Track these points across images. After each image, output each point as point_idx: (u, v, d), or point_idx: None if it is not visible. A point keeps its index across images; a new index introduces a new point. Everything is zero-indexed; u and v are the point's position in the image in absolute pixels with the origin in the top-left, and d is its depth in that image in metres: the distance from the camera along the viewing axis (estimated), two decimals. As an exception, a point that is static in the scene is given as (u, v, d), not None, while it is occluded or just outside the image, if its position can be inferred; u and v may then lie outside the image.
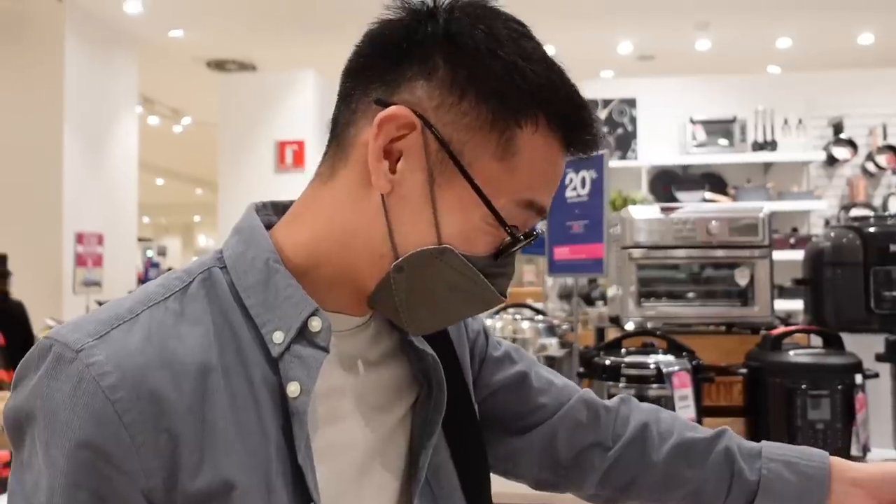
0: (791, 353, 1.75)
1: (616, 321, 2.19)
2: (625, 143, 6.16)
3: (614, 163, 5.96)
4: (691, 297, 2.17)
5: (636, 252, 2.06)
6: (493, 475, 0.85)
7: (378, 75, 0.67)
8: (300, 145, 6.47)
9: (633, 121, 6.18)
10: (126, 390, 0.60)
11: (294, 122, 6.52)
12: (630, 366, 1.73)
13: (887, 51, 6.07)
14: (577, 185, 2.31)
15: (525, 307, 2.58)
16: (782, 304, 4.10)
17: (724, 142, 5.95)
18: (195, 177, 12.78)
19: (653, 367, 1.71)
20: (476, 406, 0.85)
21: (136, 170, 6.05)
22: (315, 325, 0.67)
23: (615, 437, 0.88)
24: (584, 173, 2.29)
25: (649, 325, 2.06)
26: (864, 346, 1.79)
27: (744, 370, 1.81)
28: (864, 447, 1.67)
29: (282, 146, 6.50)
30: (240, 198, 6.43)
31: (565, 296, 3.52)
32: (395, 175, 0.66)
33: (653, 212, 2.08)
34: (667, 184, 5.97)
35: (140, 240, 9.49)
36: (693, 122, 5.97)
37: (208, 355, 0.64)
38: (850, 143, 5.93)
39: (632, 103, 6.20)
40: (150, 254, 12.80)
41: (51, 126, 5.12)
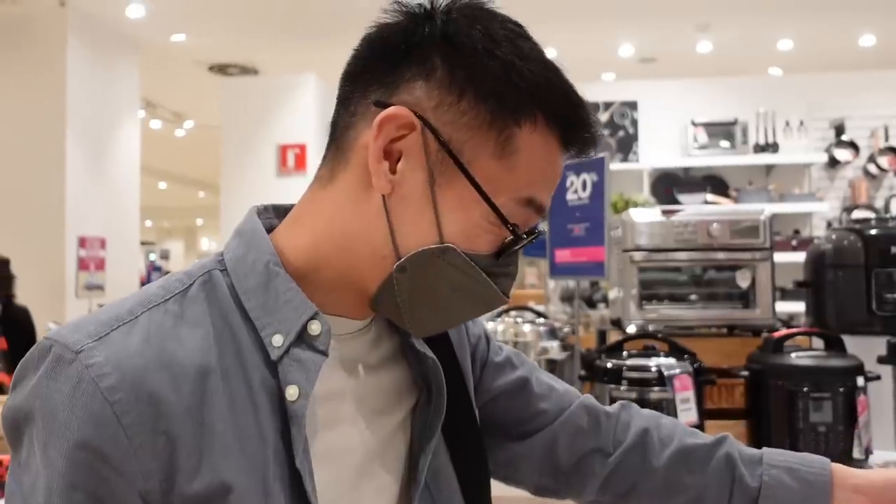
0: (793, 355, 1.75)
1: (617, 324, 2.19)
2: (626, 145, 6.16)
3: (616, 165, 5.96)
4: (693, 299, 2.17)
5: (637, 255, 2.06)
6: (493, 481, 0.85)
7: (376, 78, 0.68)
8: (302, 149, 6.48)
9: (634, 123, 6.18)
10: (125, 392, 0.60)
11: (296, 125, 6.53)
12: (631, 368, 1.73)
13: (889, 52, 6.06)
14: (577, 188, 2.31)
15: (526, 310, 2.58)
16: (784, 307, 4.09)
17: (725, 144, 5.95)
18: (197, 180, 12.80)
19: (654, 369, 1.70)
20: (476, 411, 0.85)
21: (138, 173, 6.06)
22: (314, 328, 0.67)
23: (616, 443, 0.88)
24: (584, 176, 2.29)
25: (651, 327, 2.06)
26: (866, 349, 1.79)
27: (745, 373, 1.81)
28: (867, 450, 1.67)
29: (283, 150, 6.51)
30: (242, 201, 6.43)
31: (567, 298, 3.52)
32: (396, 175, 0.66)
33: (654, 214, 2.08)
34: (668, 186, 5.97)
35: (143, 243, 9.51)
36: (694, 124, 5.97)
37: (207, 358, 0.64)
38: (852, 145, 5.93)
39: (633, 106, 6.20)
40: (152, 257, 12.82)
41: (53, 130, 5.13)
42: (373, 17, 0.70)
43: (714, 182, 5.97)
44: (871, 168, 5.93)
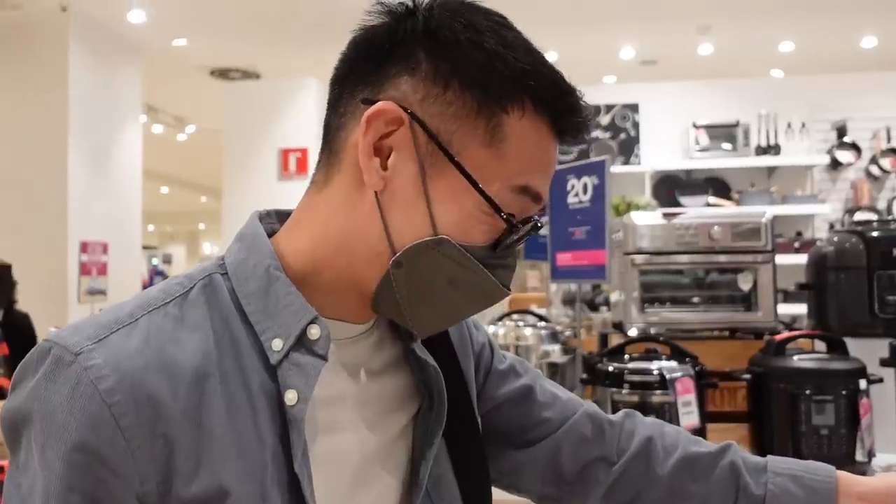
0: (795, 358, 1.74)
1: (619, 327, 2.18)
2: (628, 148, 6.16)
3: (617, 168, 5.96)
4: (694, 302, 2.17)
5: (639, 258, 2.05)
6: (495, 489, 0.85)
7: (363, 77, 0.68)
8: (303, 153, 6.49)
9: (635, 126, 6.18)
10: (123, 394, 0.60)
11: (297, 129, 6.54)
12: (633, 372, 1.72)
13: (890, 54, 6.05)
14: (578, 192, 2.31)
15: (528, 313, 2.58)
16: (788, 309, 4.08)
17: (727, 146, 5.94)
18: (199, 184, 12.81)
19: (656, 373, 1.70)
20: (479, 419, 0.84)
21: (140, 178, 6.07)
22: (314, 332, 0.67)
23: (620, 452, 0.87)
24: (585, 179, 2.29)
25: (652, 330, 2.06)
26: (869, 351, 1.78)
27: (747, 376, 1.80)
28: (869, 452, 1.66)
29: (285, 154, 6.52)
30: (244, 205, 6.44)
31: (569, 301, 3.52)
32: (387, 171, 0.66)
33: (655, 217, 2.08)
34: (670, 188, 5.97)
35: (145, 248, 9.52)
36: (696, 126, 5.97)
37: (207, 361, 0.64)
38: (854, 147, 5.92)
39: (634, 108, 6.20)
40: (155, 262, 12.84)
41: (55, 135, 5.14)
42: (374, 20, 0.70)
43: (716, 184, 5.96)
44: (874, 170, 5.92)
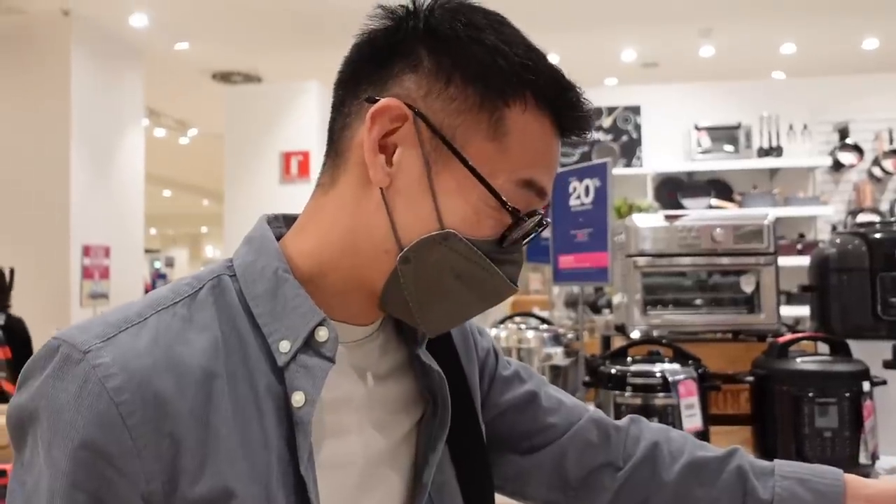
0: (798, 360, 1.74)
1: (621, 329, 2.18)
2: (630, 150, 6.16)
3: (619, 170, 5.96)
4: (697, 304, 2.16)
5: (641, 260, 2.05)
6: (500, 496, 0.85)
7: (366, 78, 0.69)
8: (305, 156, 6.49)
9: (637, 128, 6.18)
10: (131, 392, 0.60)
11: (299, 132, 6.55)
12: (636, 374, 1.72)
13: (892, 56, 6.05)
14: (580, 194, 2.31)
15: (530, 316, 2.57)
16: (791, 311, 4.08)
17: (729, 148, 5.94)
18: (202, 188, 12.82)
19: (659, 375, 1.70)
20: (483, 426, 0.84)
21: (142, 181, 6.07)
22: (322, 334, 0.67)
23: (626, 457, 0.87)
24: (587, 182, 2.29)
25: (655, 333, 2.06)
26: (872, 353, 1.78)
27: (750, 378, 1.80)
28: (873, 455, 1.66)
29: (287, 157, 6.52)
30: (246, 208, 6.46)
31: (572, 304, 3.52)
32: (393, 168, 0.67)
33: (657, 220, 2.07)
34: (672, 191, 5.97)
35: (147, 251, 9.52)
36: (698, 128, 5.97)
37: (214, 361, 0.64)
38: (856, 148, 5.92)
39: (636, 111, 6.20)
40: (157, 265, 12.84)
41: (57, 139, 5.15)
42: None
43: (718, 186, 5.96)
44: (876, 171, 5.91)
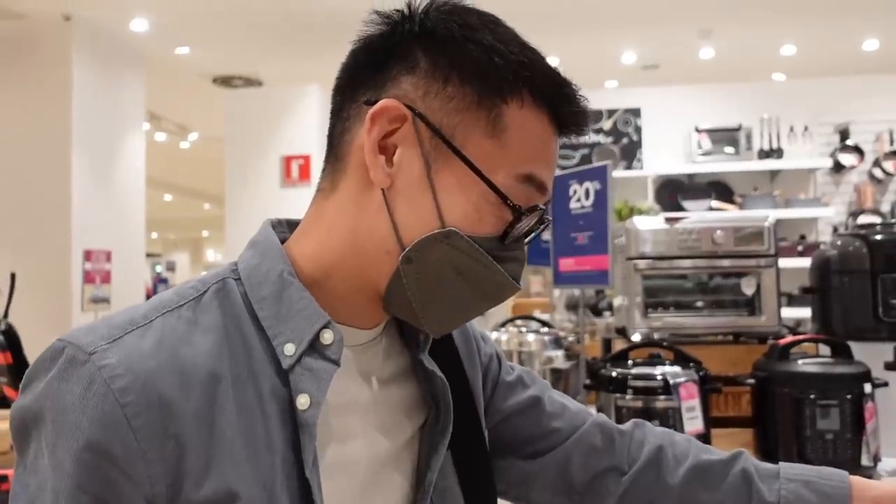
0: (799, 362, 1.74)
1: (622, 332, 2.18)
2: (630, 152, 6.16)
3: (620, 172, 5.96)
4: (698, 307, 2.16)
5: (641, 263, 2.05)
6: (504, 501, 0.85)
7: (364, 82, 0.70)
8: (306, 160, 6.50)
9: (638, 130, 6.18)
10: (136, 393, 0.60)
11: (300, 136, 6.55)
12: (637, 377, 1.72)
13: (892, 57, 6.04)
14: (581, 197, 2.31)
15: (531, 319, 2.57)
16: (791, 313, 4.07)
17: (729, 150, 5.94)
18: (203, 192, 12.83)
19: (660, 378, 1.70)
20: (486, 431, 0.84)
21: (143, 186, 6.07)
22: (327, 337, 0.67)
23: (630, 461, 0.87)
24: (588, 185, 2.29)
25: (656, 335, 2.05)
26: (873, 355, 1.78)
27: (751, 380, 1.79)
28: (875, 457, 1.65)
29: (288, 161, 6.52)
30: (247, 212, 6.47)
31: (572, 306, 3.52)
32: (393, 168, 0.67)
33: (657, 222, 2.07)
34: (673, 193, 5.97)
35: (148, 255, 9.53)
36: (698, 130, 5.97)
37: (219, 364, 0.64)
38: (857, 150, 5.92)
39: (636, 113, 6.20)
40: (158, 269, 12.86)
41: (59, 143, 5.15)
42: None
43: (719, 188, 5.96)
44: (877, 172, 5.91)
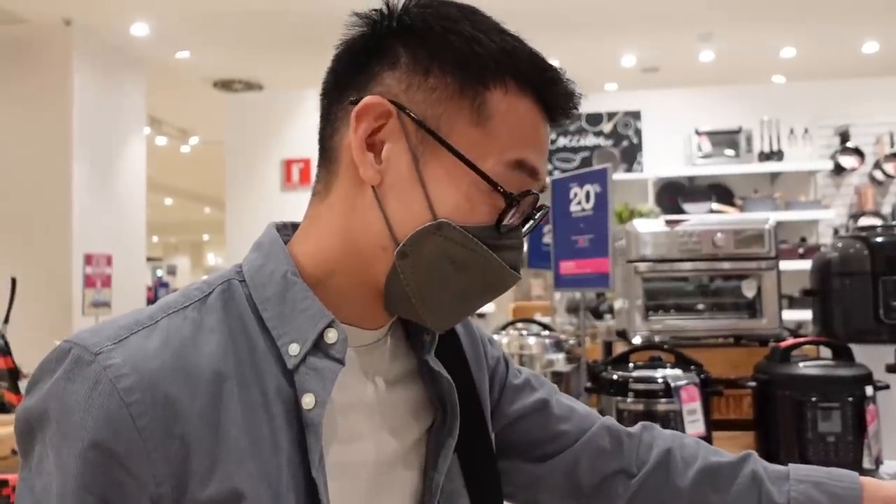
0: (800, 365, 1.74)
1: (623, 335, 2.18)
2: (630, 155, 6.16)
3: (620, 175, 5.96)
4: (698, 309, 2.16)
5: (642, 265, 2.05)
6: (511, 504, 0.85)
7: (349, 83, 0.70)
8: (306, 163, 6.50)
9: (638, 133, 6.18)
10: (141, 392, 0.60)
11: (300, 140, 6.55)
12: (638, 380, 1.72)
13: (892, 59, 6.05)
14: (581, 200, 2.31)
15: (532, 322, 2.57)
16: (792, 315, 4.07)
17: (730, 152, 5.94)
18: (203, 195, 12.83)
19: (661, 381, 1.69)
20: (493, 434, 0.84)
21: (144, 190, 6.08)
22: (331, 336, 0.67)
23: (639, 464, 0.87)
24: (588, 187, 2.29)
25: (656, 338, 2.05)
26: (874, 357, 1.78)
27: (753, 383, 1.79)
28: (877, 459, 1.65)
29: (288, 164, 6.53)
30: (247, 216, 6.47)
31: (573, 309, 3.51)
32: (382, 164, 0.68)
33: (658, 225, 2.07)
34: (673, 195, 5.97)
35: (149, 259, 9.53)
36: (698, 133, 5.97)
37: (224, 364, 0.64)
38: (857, 152, 5.92)
39: (636, 116, 6.20)
40: (159, 273, 12.84)
41: (59, 147, 5.15)
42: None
43: (719, 191, 5.96)
44: (877, 174, 5.91)
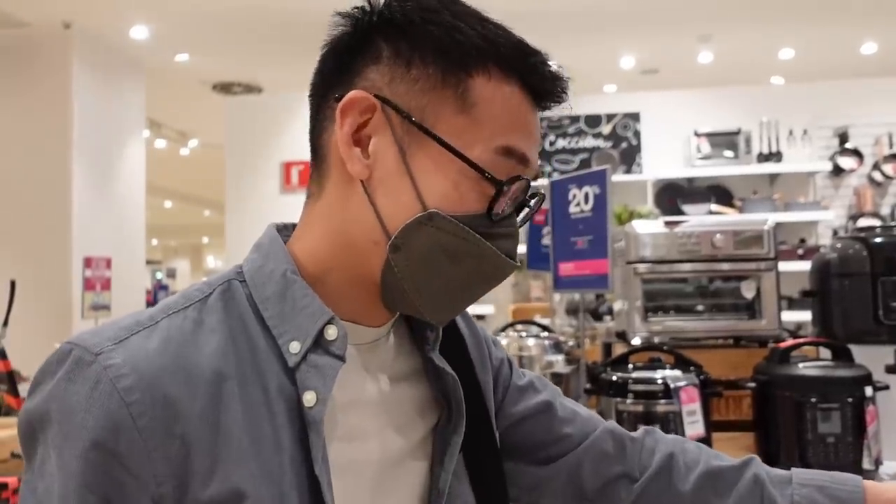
0: (800, 365, 1.74)
1: (622, 336, 2.18)
2: (629, 157, 6.16)
3: (619, 177, 5.96)
4: (698, 310, 2.16)
5: (641, 267, 2.05)
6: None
7: (334, 82, 0.71)
8: (306, 166, 6.30)
9: (637, 135, 6.18)
10: (142, 392, 0.60)
11: (299, 143, 6.51)
12: (637, 381, 1.72)
13: (891, 60, 6.05)
14: (580, 201, 2.31)
15: (531, 324, 2.57)
16: (792, 316, 4.07)
17: (729, 154, 5.94)
18: (203, 198, 12.83)
19: (660, 382, 1.69)
20: (497, 434, 0.84)
21: (143, 193, 6.08)
22: (331, 333, 0.67)
23: (642, 468, 0.87)
24: (587, 189, 2.29)
25: (656, 339, 2.05)
26: (874, 358, 1.77)
27: (752, 384, 1.79)
28: (876, 460, 1.65)
29: (287, 167, 6.53)
30: (247, 219, 6.47)
31: (573, 311, 3.51)
32: (369, 159, 0.68)
33: (657, 226, 2.07)
34: (672, 197, 5.97)
35: (149, 262, 9.53)
36: (697, 134, 5.97)
37: (224, 364, 0.64)
38: (856, 153, 5.92)
39: (635, 117, 6.21)
40: (159, 276, 12.84)
41: (59, 150, 5.16)
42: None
43: (718, 192, 5.96)
44: (876, 175, 5.91)
